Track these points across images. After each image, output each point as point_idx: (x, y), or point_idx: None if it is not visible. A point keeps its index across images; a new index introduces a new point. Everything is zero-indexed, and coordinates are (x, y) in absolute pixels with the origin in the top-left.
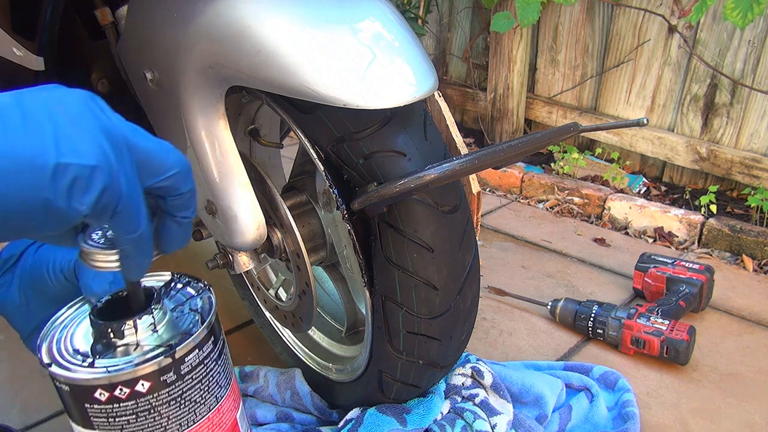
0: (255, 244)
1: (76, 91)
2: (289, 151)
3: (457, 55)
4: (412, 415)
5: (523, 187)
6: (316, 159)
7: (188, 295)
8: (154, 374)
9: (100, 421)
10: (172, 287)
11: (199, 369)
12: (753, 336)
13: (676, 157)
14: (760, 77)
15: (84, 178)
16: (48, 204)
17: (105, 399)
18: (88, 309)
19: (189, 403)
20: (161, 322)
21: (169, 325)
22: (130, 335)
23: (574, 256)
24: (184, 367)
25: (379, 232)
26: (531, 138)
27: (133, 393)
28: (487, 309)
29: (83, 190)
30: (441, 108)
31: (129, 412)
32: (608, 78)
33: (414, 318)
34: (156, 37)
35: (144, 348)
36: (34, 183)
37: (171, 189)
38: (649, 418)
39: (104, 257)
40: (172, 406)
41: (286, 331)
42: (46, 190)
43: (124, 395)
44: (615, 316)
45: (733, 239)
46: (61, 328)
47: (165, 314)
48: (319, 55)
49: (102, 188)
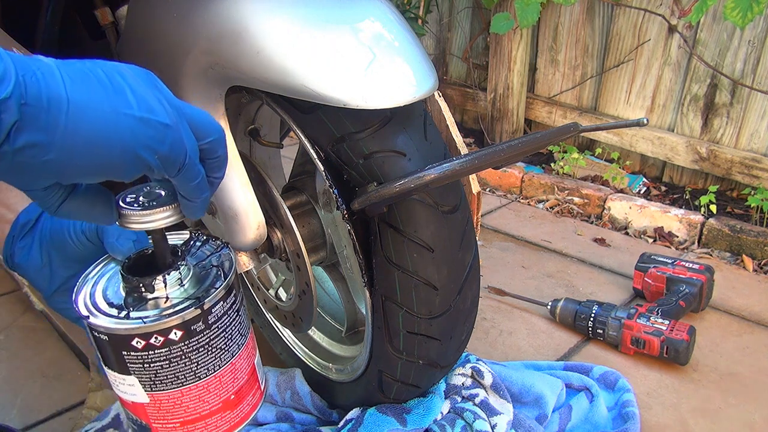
0: (255, 244)
1: (137, 67)
2: (289, 151)
3: (457, 55)
4: (412, 415)
5: (523, 187)
6: (316, 159)
7: (209, 251)
8: (186, 324)
9: (136, 367)
10: (192, 245)
11: (224, 319)
12: (753, 336)
13: (676, 157)
14: (760, 77)
15: (160, 133)
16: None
17: (141, 347)
18: (114, 266)
19: (215, 350)
20: (187, 278)
21: (194, 280)
22: (160, 290)
23: (574, 256)
24: (211, 317)
25: (379, 232)
26: (531, 138)
27: (167, 341)
28: (487, 309)
29: (159, 143)
30: (441, 108)
31: (162, 358)
32: (608, 78)
33: (414, 318)
34: (156, 37)
35: (173, 301)
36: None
37: (211, 151)
38: (649, 418)
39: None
40: (200, 352)
41: (286, 331)
42: (131, 139)
43: (158, 343)
44: (615, 316)
45: (733, 239)
46: (93, 284)
47: (189, 270)
48: (319, 55)
49: (172, 143)
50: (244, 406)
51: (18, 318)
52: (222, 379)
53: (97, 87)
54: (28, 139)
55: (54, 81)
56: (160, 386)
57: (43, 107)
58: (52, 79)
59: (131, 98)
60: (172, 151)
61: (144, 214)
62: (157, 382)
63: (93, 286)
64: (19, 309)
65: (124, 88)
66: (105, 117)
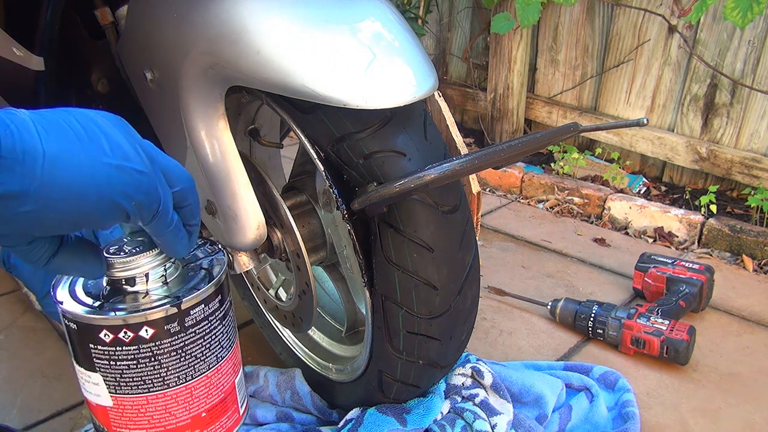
0: (255, 244)
1: (109, 114)
2: (289, 151)
3: (457, 55)
4: (412, 415)
5: (523, 187)
6: (316, 159)
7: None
8: (159, 321)
9: (102, 364)
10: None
11: (203, 324)
12: (753, 336)
13: (676, 157)
14: (760, 77)
15: (136, 179)
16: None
17: (109, 341)
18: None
19: (189, 357)
20: (172, 276)
21: (179, 280)
22: (141, 284)
23: (574, 256)
24: (188, 320)
25: (379, 232)
26: (531, 138)
27: (137, 338)
28: (487, 309)
29: (135, 190)
30: (441, 108)
31: (130, 357)
32: (608, 78)
33: (414, 318)
34: (156, 37)
35: (152, 297)
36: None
37: (182, 198)
38: (649, 418)
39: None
40: (172, 356)
41: (286, 331)
42: (108, 186)
43: (127, 339)
44: (615, 316)
45: (733, 239)
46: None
47: (177, 269)
48: (319, 55)
49: (147, 189)
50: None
51: (18, 318)
52: (194, 391)
53: (72, 136)
54: (4, 190)
55: (28, 133)
56: (125, 389)
57: (18, 159)
58: (26, 132)
59: (106, 146)
60: (147, 197)
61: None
62: (123, 384)
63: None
64: (19, 309)
65: (99, 136)
66: (81, 165)
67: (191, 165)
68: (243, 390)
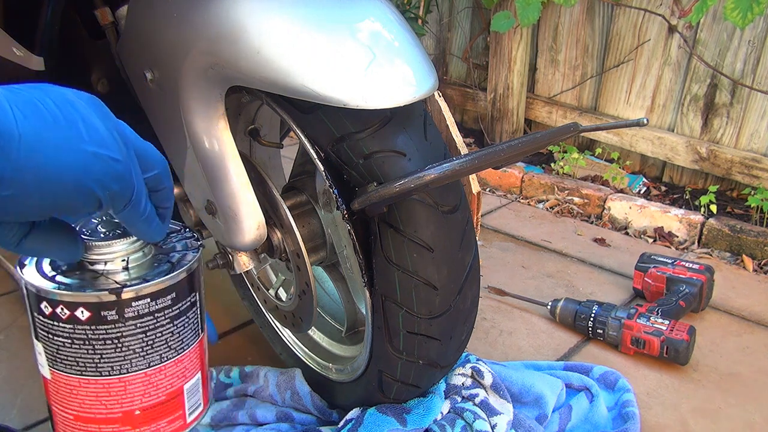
0: (255, 244)
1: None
2: (289, 151)
3: (457, 55)
4: (412, 415)
5: (523, 187)
6: (316, 159)
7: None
8: (94, 306)
9: (43, 335)
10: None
11: (147, 319)
12: (753, 336)
13: (676, 157)
14: (760, 77)
15: (111, 168)
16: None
17: (48, 313)
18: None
19: (126, 350)
20: (135, 263)
21: (142, 268)
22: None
23: (574, 256)
24: (128, 311)
25: (379, 232)
26: (531, 138)
27: (72, 317)
28: (487, 309)
29: (111, 178)
30: (441, 108)
31: (66, 334)
32: (608, 78)
33: (414, 318)
34: (156, 37)
35: (102, 280)
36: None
37: (157, 183)
38: (649, 418)
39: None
40: (107, 344)
41: (286, 331)
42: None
43: (64, 316)
44: (615, 316)
45: (733, 239)
46: None
47: (144, 256)
48: (319, 55)
49: (122, 179)
50: (151, 429)
51: (18, 318)
52: (128, 386)
53: (48, 118)
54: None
55: (4, 115)
56: (60, 366)
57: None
58: (1, 113)
59: (83, 130)
60: (121, 186)
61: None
62: (58, 360)
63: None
64: (19, 309)
65: (77, 119)
66: (58, 150)
67: (191, 165)
68: (197, 397)
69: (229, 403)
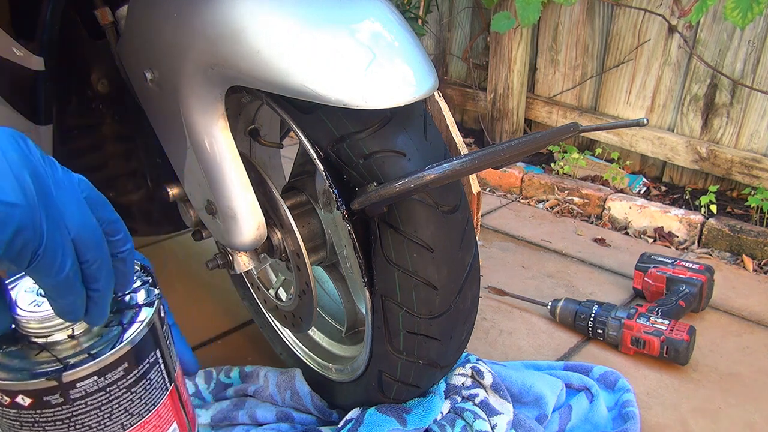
0: (255, 244)
1: (4, 129)
2: (289, 151)
3: (457, 55)
4: (412, 415)
5: (523, 187)
6: (316, 159)
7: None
8: (35, 393)
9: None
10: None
11: (98, 396)
12: (753, 336)
13: (676, 157)
14: (760, 77)
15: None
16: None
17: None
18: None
19: (81, 427)
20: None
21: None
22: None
23: (574, 256)
24: (74, 392)
25: (379, 232)
26: (531, 138)
27: (14, 403)
28: (487, 309)
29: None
30: (441, 108)
31: (12, 419)
32: (608, 78)
33: (414, 318)
34: (156, 37)
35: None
36: None
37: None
38: (649, 418)
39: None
40: (58, 426)
41: (286, 331)
42: None
43: (5, 402)
44: (615, 316)
45: (733, 239)
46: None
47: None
48: (319, 55)
49: (18, 227)
50: None
51: None
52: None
53: None
54: None
55: None
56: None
57: None
58: None
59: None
60: (18, 235)
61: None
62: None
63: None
64: None
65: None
66: None
67: (191, 165)
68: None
69: (229, 403)
